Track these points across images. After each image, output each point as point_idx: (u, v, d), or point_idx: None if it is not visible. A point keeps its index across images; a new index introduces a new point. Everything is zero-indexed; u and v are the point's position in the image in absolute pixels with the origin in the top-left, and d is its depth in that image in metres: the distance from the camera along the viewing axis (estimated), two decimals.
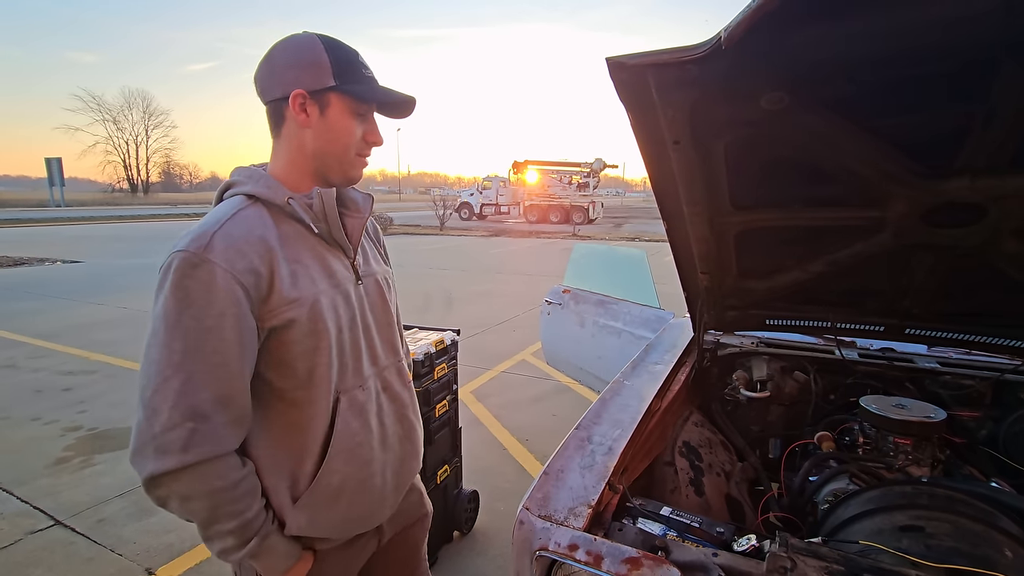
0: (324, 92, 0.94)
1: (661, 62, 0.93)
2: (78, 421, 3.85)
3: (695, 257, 1.63)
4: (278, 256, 0.92)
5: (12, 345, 5.71)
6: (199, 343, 0.83)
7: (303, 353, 0.94)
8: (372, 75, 0.99)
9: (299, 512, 0.97)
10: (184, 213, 31.34)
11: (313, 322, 0.94)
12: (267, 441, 0.96)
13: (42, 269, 11.22)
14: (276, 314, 0.90)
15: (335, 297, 0.99)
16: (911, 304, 1.65)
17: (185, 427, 0.82)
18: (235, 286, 0.85)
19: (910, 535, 1.05)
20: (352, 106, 0.97)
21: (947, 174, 1.16)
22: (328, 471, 0.98)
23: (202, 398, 0.84)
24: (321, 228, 0.98)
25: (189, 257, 0.84)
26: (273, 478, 0.96)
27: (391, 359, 1.14)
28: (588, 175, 25.43)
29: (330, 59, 0.94)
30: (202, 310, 0.83)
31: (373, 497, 1.06)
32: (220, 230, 0.87)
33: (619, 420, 1.38)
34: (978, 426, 1.57)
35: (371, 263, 1.13)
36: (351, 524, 1.06)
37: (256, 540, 0.92)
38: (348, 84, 0.95)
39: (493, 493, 2.82)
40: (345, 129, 0.98)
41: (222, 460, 0.87)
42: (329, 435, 0.98)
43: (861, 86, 1.01)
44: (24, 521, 2.67)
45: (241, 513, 0.90)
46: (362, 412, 1.03)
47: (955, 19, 0.82)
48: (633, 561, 0.91)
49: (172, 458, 0.82)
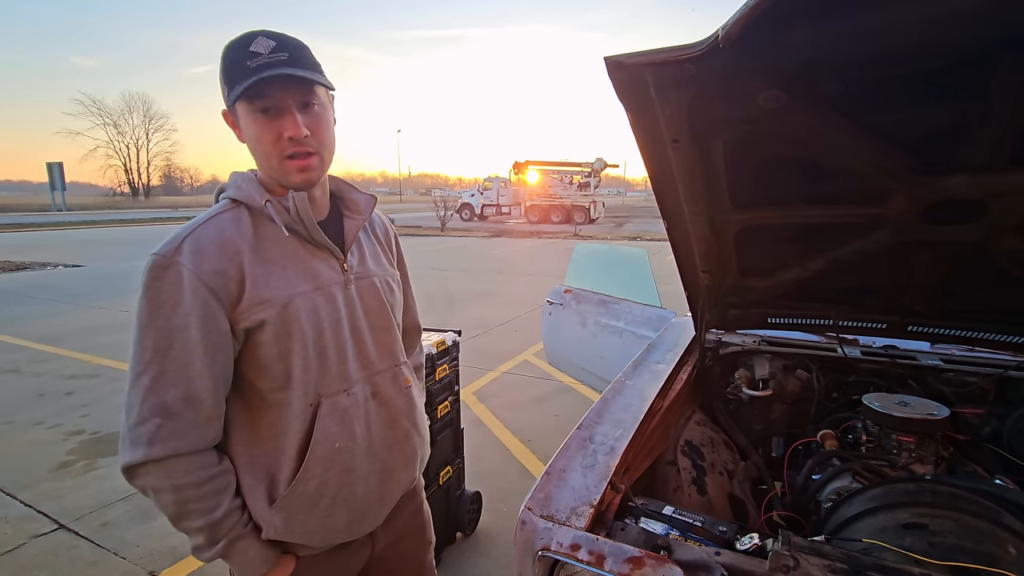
0: (233, 105, 0.91)
1: (659, 61, 0.93)
2: (81, 425, 3.86)
3: (696, 256, 1.63)
4: (249, 258, 0.92)
5: (15, 349, 5.72)
6: (168, 342, 0.86)
7: (277, 354, 0.94)
8: (264, 60, 0.86)
9: (275, 515, 0.96)
10: (185, 216, 31.36)
11: (285, 323, 0.94)
12: (246, 441, 0.97)
13: (44, 273, 11.25)
14: (247, 315, 0.91)
15: (315, 299, 0.97)
16: (913, 301, 1.64)
17: (152, 422, 0.86)
18: (201, 287, 0.87)
19: (913, 533, 1.05)
20: (249, 107, 0.89)
21: (946, 171, 1.15)
22: (305, 476, 0.96)
23: (170, 396, 0.86)
24: (299, 230, 0.97)
25: (160, 260, 0.87)
26: (250, 478, 0.96)
27: (386, 363, 1.10)
28: (589, 175, 25.43)
29: (223, 67, 0.89)
30: (171, 310, 0.86)
31: (354, 506, 1.03)
32: (192, 234, 0.90)
33: (621, 420, 1.38)
34: (982, 423, 1.56)
35: (369, 265, 1.10)
36: (331, 533, 1.03)
37: (225, 541, 0.92)
38: (235, 86, 0.87)
39: (496, 494, 2.82)
40: (254, 135, 0.91)
41: (188, 457, 0.88)
42: (308, 439, 0.97)
43: (858, 83, 1.01)
44: (28, 525, 2.68)
45: (209, 512, 0.90)
46: (344, 417, 1.01)
47: (950, 16, 0.82)
48: (635, 560, 0.91)
49: (140, 451, 0.86)
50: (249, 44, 0.87)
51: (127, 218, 30.51)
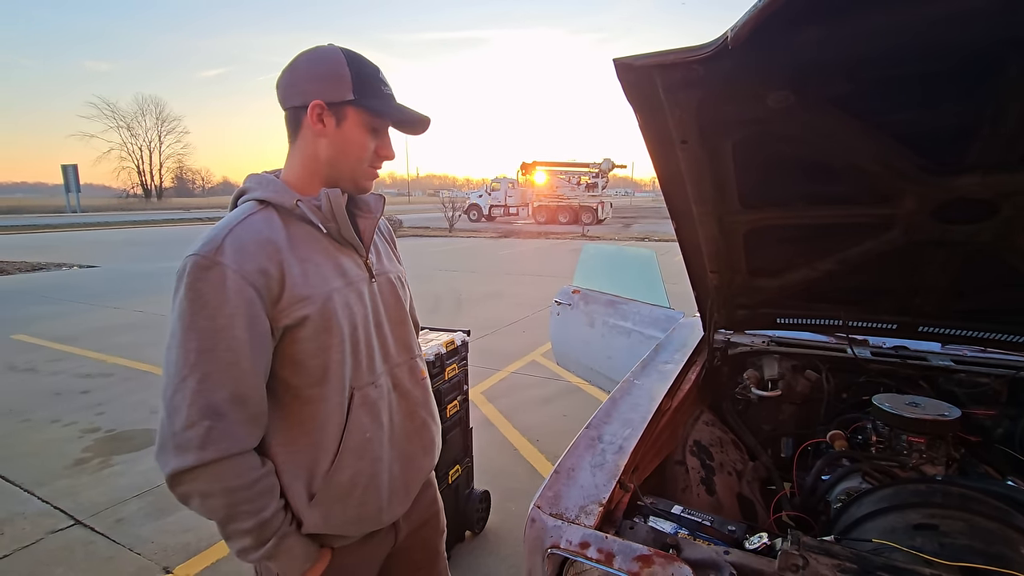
0: (342, 105, 0.97)
1: (668, 62, 0.94)
2: (96, 423, 3.92)
3: (704, 256, 1.63)
4: (288, 256, 0.94)
5: (32, 349, 5.82)
6: (213, 343, 0.86)
7: (316, 350, 0.96)
8: (391, 92, 1.02)
9: (314, 510, 0.98)
10: (197, 218, 31.74)
11: (326, 319, 0.96)
12: (283, 439, 0.98)
13: (59, 274, 11.42)
14: (288, 312, 0.92)
15: (348, 295, 1.01)
16: (923, 301, 1.63)
17: (203, 425, 0.85)
18: (246, 287, 0.88)
19: (924, 533, 1.04)
20: (368, 120, 1.00)
21: (957, 170, 1.15)
22: (339, 467, 0.99)
23: (218, 397, 0.86)
24: (331, 228, 1.00)
25: (201, 261, 0.87)
26: (289, 477, 0.98)
27: (403, 356, 1.15)
28: (597, 175, 25.36)
29: (351, 73, 0.96)
30: (215, 311, 0.86)
31: (382, 494, 1.07)
32: (231, 234, 0.90)
33: (630, 419, 1.39)
34: (994, 424, 1.55)
35: (384, 262, 1.15)
36: (364, 522, 1.06)
37: (274, 540, 0.93)
38: (366, 99, 0.98)
39: (504, 493, 2.83)
40: (359, 142, 1.00)
41: (240, 458, 0.89)
42: (343, 431, 1.00)
43: (868, 83, 1.01)
44: (45, 521, 2.72)
45: (259, 512, 0.91)
46: (374, 409, 1.05)
47: (959, 16, 0.82)
48: (645, 559, 0.91)
49: (191, 455, 0.84)
50: (379, 72, 1.01)
51: (140, 219, 30.90)
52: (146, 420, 3.92)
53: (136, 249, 16.05)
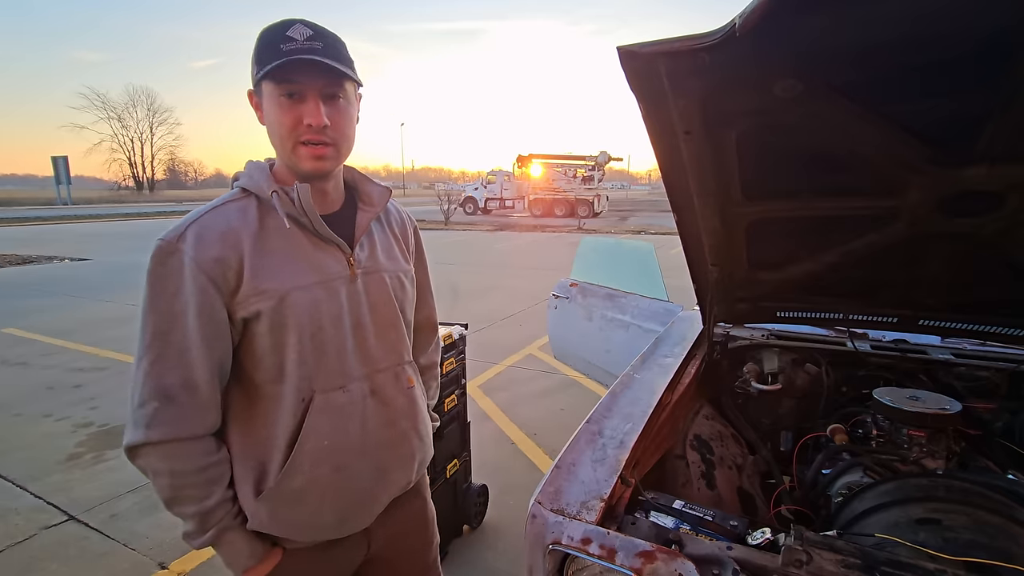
0: (258, 85, 0.92)
1: (673, 50, 0.92)
2: (89, 417, 3.89)
3: (705, 249, 1.62)
4: (250, 248, 0.91)
5: (23, 342, 5.76)
6: (168, 327, 0.88)
7: (271, 346, 0.94)
8: (297, 46, 0.87)
9: (260, 506, 0.96)
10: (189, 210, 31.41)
11: (280, 316, 0.93)
12: (240, 429, 0.97)
13: (51, 267, 11.31)
14: (245, 305, 0.91)
15: (316, 293, 0.96)
16: (925, 295, 1.63)
17: (151, 405, 0.87)
18: (200, 275, 0.87)
19: (927, 528, 1.04)
20: (274, 89, 0.89)
21: (964, 162, 1.13)
22: (291, 471, 0.95)
23: (168, 380, 0.88)
24: (304, 222, 0.96)
25: (164, 246, 0.88)
26: (241, 468, 0.97)
27: (388, 361, 1.08)
28: (593, 168, 25.29)
29: (256, 47, 0.90)
30: (172, 296, 0.88)
31: (345, 504, 1.02)
32: (196, 221, 0.91)
33: (630, 414, 1.37)
34: (994, 418, 1.55)
35: (379, 259, 1.08)
36: (319, 529, 1.02)
37: (214, 531, 0.93)
38: (265, 66, 0.88)
39: (502, 487, 2.83)
40: (273, 117, 0.92)
41: (187, 443, 0.90)
42: (297, 434, 0.96)
43: (876, 72, 0.99)
44: (39, 516, 2.70)
45: (201, 500, 0.91)
46: (339, 415, 0.99)
47: (969, 3, 0.80)
48: (647, 555, 0.90)
49: (140, 432, 0.87)
50: (287, 29, 0.88)
51: (132, 212, 30.60)
52: None
53: (128, 242, 15.91)
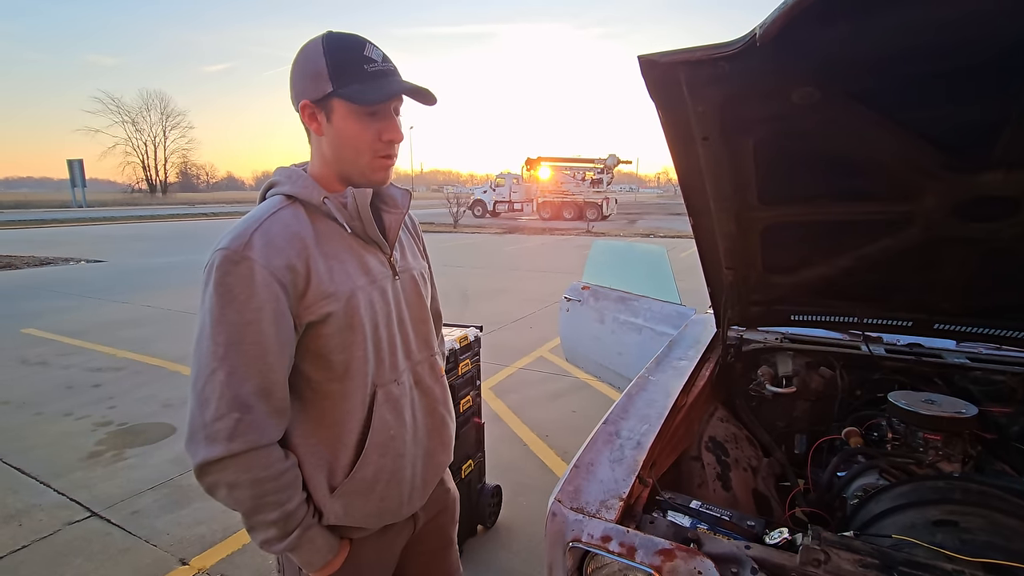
0: (327, 99, 0.93)
1: (694, 59, 0.94)
2: (108, 416, 3.96)
3: (720, 253, 1.63)
4: (314, 253, 0.94)
5: (42, 343, 5.87)
6: (241, 336, 0.87)
7: (339, 347, 0.97)
8: (379, 68, 0.93)
9: (336, 502, 1.00)
10: (202, 212, 31.85)
11: (349, 316, 0.96)
12: (303, 432, 0.99)
13: (67, 269, 11.49)
14: (313, 309, 0.93)
15: (371, 292, 1.01)
16: (940, 299, 1.63)
17: (231, 417, 0.86)
18: (272, 282, 0.88)
19: (943, 530, 1.05)
20: (354, 109, 0.94)
21: (981, 167, 1.15)
22: (364, 463, 1.01)
23: (246, 389, 0.87)
24: (355, 226, 1.00)
25: (230, 255, 0.87)
26: (311, 468, 0.99)
27: (424, 354, 1.16)
28: (602, 171, 25.27)
29: (328, 63, 0.91)
30: (243, 305, 0.87)
31: (404, 489, 1.09)
32: (259, 228, 0.90)
33: (646, 415, 1.39)
34: (1010, 422, 1.54)
35: (408, 259, 1.15)
36: (384, 515, 1.08)
37: (297, 532, 0.95)
38: (346, 87, 0.92)
39: (515, 488, 2.85)
40: (353, 133, 0.95)
41: (266, 450, 0.91)
42: (366, 428, 1.01)
43: (894, 79, 1.01)
44: (62, 512, 2.76)
45: (283, 504, 0.93)
46: (397, 406, 1.05)
47: (988, 13, 0.82)
48: (666, 553, 0.92)
49: (220, 446, 0.86)
50: (363, 48, 0.92)
51: (145, 214, 31.02)
52: (157, 414, 3.96)
53: (143, 244, 16.13)
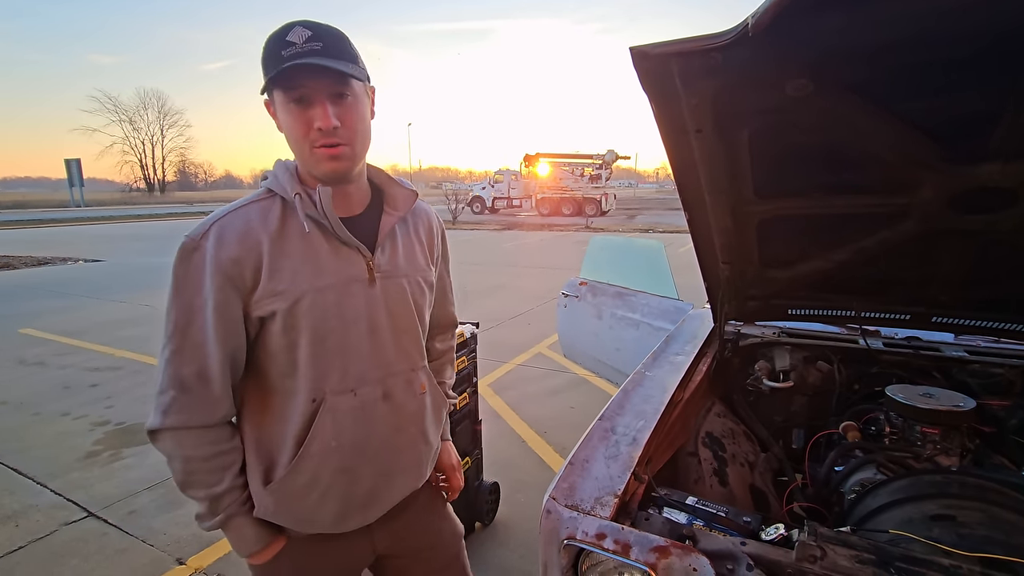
0: (269, 93, 0.92)
1: (686, 50, 0.93)
2: (106, 416, 3.95)
3: (716, 247, 1.62)
4: (270, 249, 0.93)
5: (40, 343, 5.86)
6: (188, 320, 0.92)
7: (285, 346, 0.96)
8: (297, 50, 0.86)
9: (267, 496, 0.99)
10: (200, 211, 31.74)
11: (294, 317, 0.95)
12: (254, 421, 1.01)
13: (65, 268, 11.47)
14: (261, 304, 0.94)
15: (331, 296, 0.97)
16: (938, 292, 1.62)
17: (169, 393, 0.92)
18: (217, 273, 0.90)
19: (941, 524, 1.04)
20: (282, 96, 0.90)
21: (977, 159, 1.13)
22: (297, 469, 0.98)
23: (186, 371, 0.92)
24: (325, 224, 0.97)
25: (188, 242, 0.92)
26: (253, 457, 1.00)
27: (402, 366, 1.08)
28: (600, 167, 25.23)
29: (263, 54, 0.89)
30: (193, 291, 0.91)
31: (346, 503, 1.04)
32: (219, 220, 0.94)
33: (642, 411, 1.38)
34: (1008, 415, 1.54)
35: (400, 263, 1.07)
36: (319, 524, 1.05)
37: (222, 516, 0.97)
38: (269, 72, 0.88)
39: (513, 485, 2.84)
40: (287, 124, 0.92)
41: (199, 431, 0.94)
42: (306, 433, 0.98)
43: (889, 70, 0.99)
44: (59, 513, 2.75)
45: (211, 486, 0.95)
46: (348, 418, 1.00)
47: (983, 1, 0.80)
48: (661, 550, 0.91)
49: (157, 418, 0.93)
50: (286, 34, 0.87)
51: (143, 213, 30.96)
52: None
53: (141, 243, 16.09)
